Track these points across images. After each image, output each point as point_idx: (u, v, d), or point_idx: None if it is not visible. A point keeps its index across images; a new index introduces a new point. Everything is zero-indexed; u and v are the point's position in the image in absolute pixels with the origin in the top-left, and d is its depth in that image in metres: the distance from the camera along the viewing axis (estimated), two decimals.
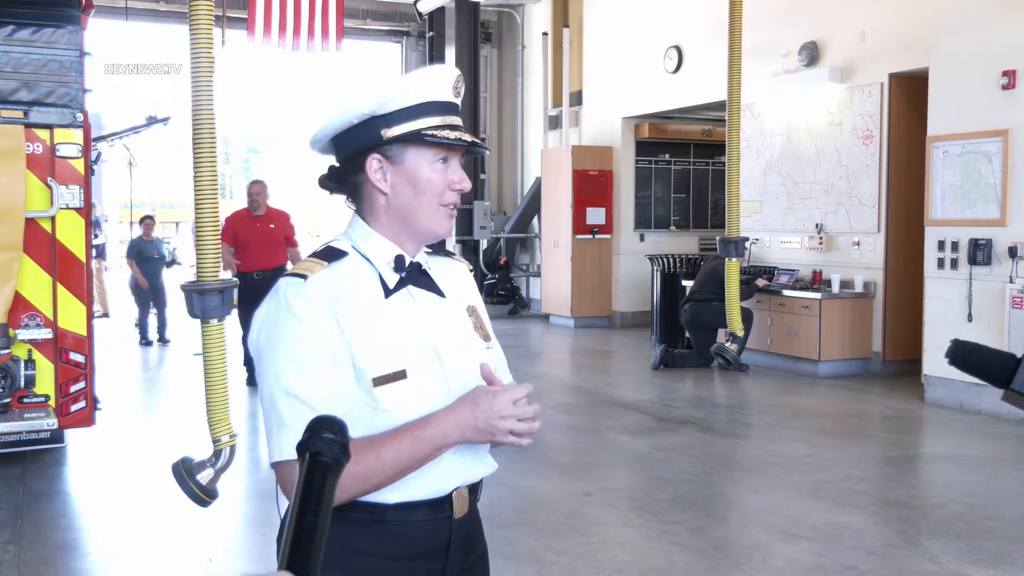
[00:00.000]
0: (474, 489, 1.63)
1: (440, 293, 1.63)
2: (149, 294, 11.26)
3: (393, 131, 1.54)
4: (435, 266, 1.67)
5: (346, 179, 1.62)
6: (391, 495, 1.51)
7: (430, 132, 1.53)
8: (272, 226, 8.22)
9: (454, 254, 1.77)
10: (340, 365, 1.48)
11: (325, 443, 1.04)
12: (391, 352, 1.51)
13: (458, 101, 1.61)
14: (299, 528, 0.99)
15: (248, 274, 7.88)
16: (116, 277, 17.13)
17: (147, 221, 11.83)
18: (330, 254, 1.57)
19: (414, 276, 1.60)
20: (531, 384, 1.54)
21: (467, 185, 1.61)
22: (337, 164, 1.64)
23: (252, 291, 7.42)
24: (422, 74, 1.57)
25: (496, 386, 1.51)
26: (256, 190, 8.33)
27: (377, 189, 1.57)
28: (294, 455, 1.45)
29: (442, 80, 1.57)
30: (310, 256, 1.57)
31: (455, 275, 1.72)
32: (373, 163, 1.56)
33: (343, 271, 1.54)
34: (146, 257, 11.24)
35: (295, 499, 1.01)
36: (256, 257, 8.05)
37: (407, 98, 1.53)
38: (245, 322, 7.20)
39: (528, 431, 1.49)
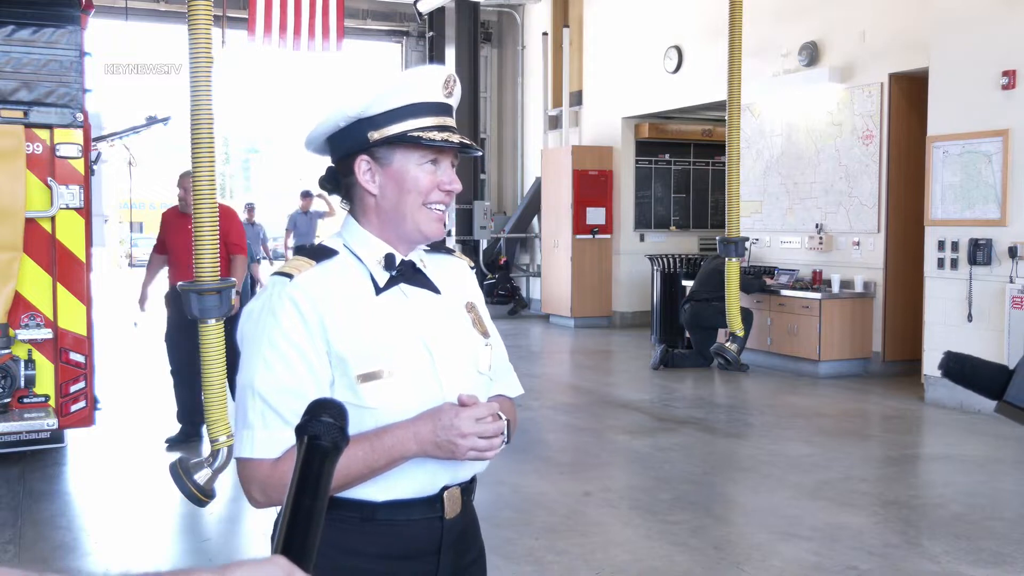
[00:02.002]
0: (467, 490, 1.63)
1: (435, 290, 1.63)
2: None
3: (380, 133, 1.54)
4: (434, 263, 1.68)
5: (340, 180, 1.63)
6: (378, 492, 1.52)
7: (417, 134, 1.53)
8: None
9: (454, 251, 1.77)
10: (314, 369, 1.49)
11: (323, 426, 1.03)
12: (378, 349, 1.51)
13: (450, 102, 1.60)
14: (295, 512, 0.98)
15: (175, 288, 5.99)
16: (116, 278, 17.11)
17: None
18: (319, 252, 1.58)
19: (407, 274, 1.60)
20: (495, 404, 1.54)
21: (457, 186, 1.60)
22: (332, 165, 1.65)
23: (181, 311, 6.21)
24: (408, 75, 1.56)
25: (461, 400, 1.51)
26: (184, 185, 6.13)
27: (366, 190, 1.58)
28: (253, 454, 1.47)
29: (429, 81, 1.56)
30: (299, 255, 1.58)
31: (454, 272, 1.72)
32: (362, 165, 1.57)
33: (332, 269, 1.56)
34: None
35: (292, 483, 1.01)
36: (183, 267, 5.94)
37: (394, 100, 1.53)
38: (172, 349, 6.26)
39: (490, 447, 1.49)
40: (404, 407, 1.51)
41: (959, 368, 1.40)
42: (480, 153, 1.70)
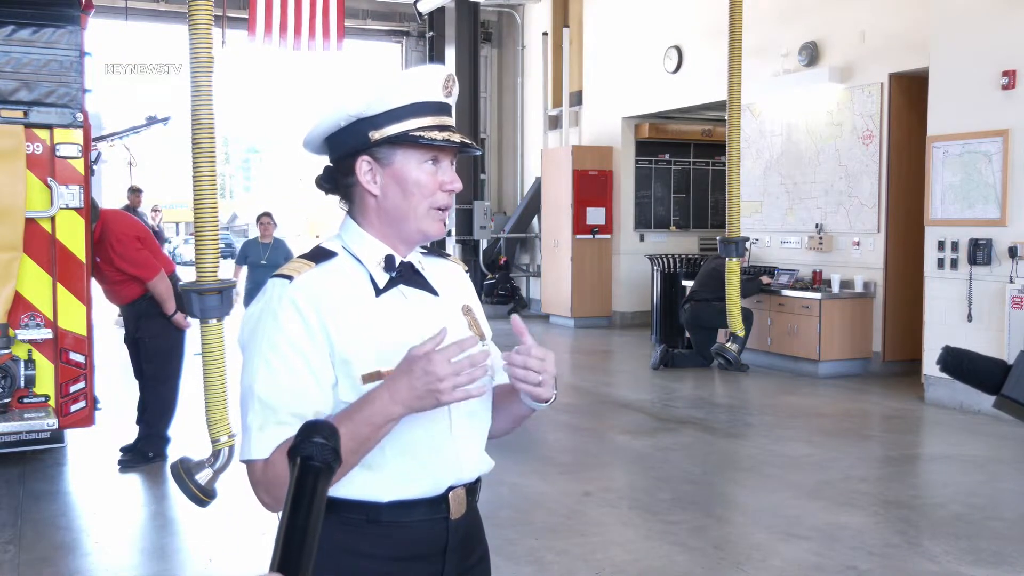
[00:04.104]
0: (471, 490, 1.62)
1: (434, 292, 1.63)
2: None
3: (381, 133, 1.53)
4: (430, 266, 1.67)
5: (338, 180, 1.62)
6: (383, 493, 1.51)
7: (418, 133, 1.53)
8: (98, 259, 5.65)
9: (450, 255, 1.77)
10: (316, 371, 1.48)
11: (315, 447, 1.05)
12: (381, 351, 1.51)
13: (450, 101, 1.60)
14: (290, 530, 1.00)
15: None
16: None
17: (264, 219, 9.24)
18: (318, 255, 1.57)
19: (406, 276, 1.60)
20: (472, 338, 1.46)
21: (458, 186, 1.60)
22: (331, 165, 1.64)
23: (124, 321, 6.23)
24: (409, 75, 1.56)
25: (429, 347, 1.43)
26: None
27: (367, 191, 1.58)
28: (255, 456, 1.47)
29: (430, 80, 1.56)
30: (299, 257, 1.58)
31: (450, 275, 1.72)
32: (363, 165, 1.56)
33: (332, 271, 1.55)
34: (253, 263, 8.88)
35: (286, 502, 1.02)
36: (105, 288, 5.95)
37: (394, 99, 1.53)
38: (134, 365, 6.12)
39: (471, 379, 1.41)
40: None
41: (957, 363, 1.40)
42: (479, 152, 1.69)
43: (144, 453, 5.83)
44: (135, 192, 13.37)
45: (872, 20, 8.83)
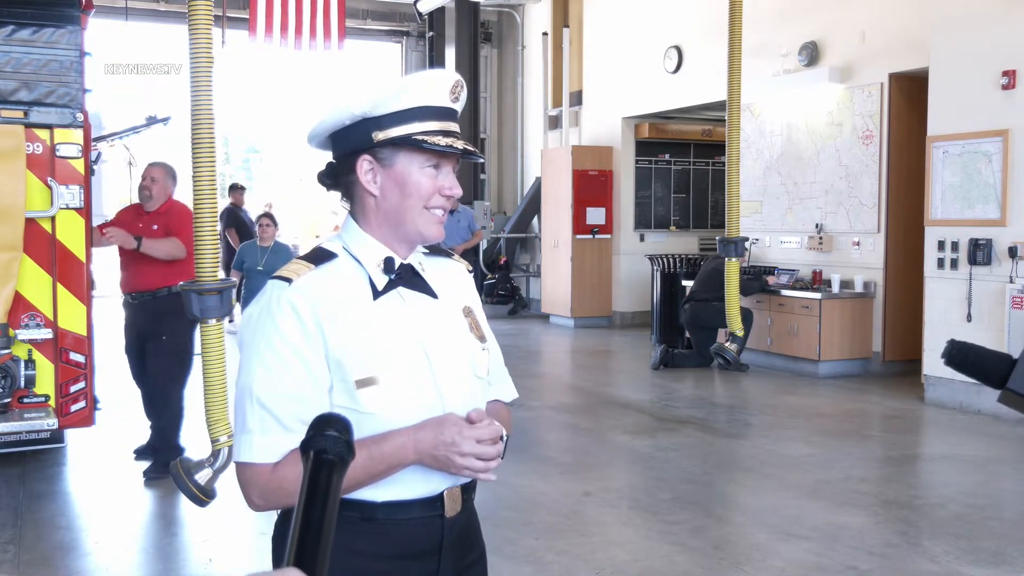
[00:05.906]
0: (467, 488, 1.63)
1: (433, 294, 1.63)
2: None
3: (385, 134, 1.54)
4: (432, 267, 1.67)
5: (339, 177, 1.62)
6: (379, 493, 1.52)
7: (422, 137, 1.53)
8: (155, 227, 5.57)
9: (453, 254, 1.77)
10: (313, 374, 1.49)
11: (329, 440, 1.05)
12: (375, 354, 1.51)
13: (456, 107, 1.60)
14: (306, 525, 1.00)
15: (126, 295, 5.71)
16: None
17: (263, 221, 8.58)
18: (318, 256, 1.58)
19: (406, 278, 1.60)
20: (500, 427, 1.53)
21: (457, 192, 1.60)
22: (333, 161, 1.64)
23: (131, 322, 5.77)
24: (418, 78, 1.56)
25: (470, 418, 1.51)
26: (152, 175, 5.65)
27: (367, 191, 1.58)
28: (252, 459, 1.48)
29: (438, 85, 1.57)
30: (299, 258, 1.58)
31: (452, 276, 1.71)
32: (364, 165, 1.57)
33: (331, 273, 1.55)
34: (250, 268, 8.18)
35: (300, 496, 1.02)
36: (131, 271, 5.65)
37: (401, 102, 1.53)
38: (129, 361, 5.88)
39: (485, 469, 1.50)
40: (402, 413, 1.51)
41: (962, 356, 1.40)
42: (482, 159, 1.69)
43: (166, 463, 5.73)
44: (239, 190, 12.91)
45: (872, 20, 8.83)
